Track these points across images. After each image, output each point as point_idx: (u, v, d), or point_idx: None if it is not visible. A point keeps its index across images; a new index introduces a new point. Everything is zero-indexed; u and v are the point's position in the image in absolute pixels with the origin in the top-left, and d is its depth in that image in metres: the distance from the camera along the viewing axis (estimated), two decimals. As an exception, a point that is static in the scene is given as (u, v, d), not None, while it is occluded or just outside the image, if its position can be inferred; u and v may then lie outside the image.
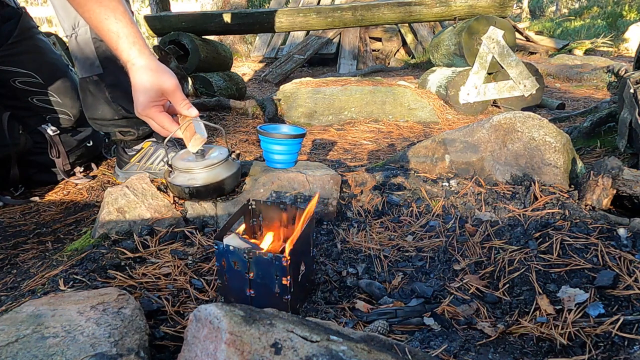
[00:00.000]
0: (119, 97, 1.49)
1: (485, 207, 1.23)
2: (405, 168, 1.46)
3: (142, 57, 0.98)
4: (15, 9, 1.62)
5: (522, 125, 1.36)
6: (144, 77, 0.98)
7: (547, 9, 15.64)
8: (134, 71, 0.98)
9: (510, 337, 0.81)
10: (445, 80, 3.09)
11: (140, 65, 0.98)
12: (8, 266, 1.21)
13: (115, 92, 1.49)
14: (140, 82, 0.98)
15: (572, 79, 4.33)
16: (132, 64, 0.98)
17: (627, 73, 1.87)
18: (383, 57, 6.97)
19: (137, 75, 0.98)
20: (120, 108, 1.51)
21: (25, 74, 1.61)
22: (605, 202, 1.16)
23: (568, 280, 0.92)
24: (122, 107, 1.51)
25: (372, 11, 3.12)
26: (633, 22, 8.29)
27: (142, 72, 0.98)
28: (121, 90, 1.48)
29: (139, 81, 0.98)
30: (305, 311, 0.91)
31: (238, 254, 0.82)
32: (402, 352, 0.63)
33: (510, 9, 3.08)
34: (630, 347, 0.72)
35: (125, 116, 1.53)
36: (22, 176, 1.70)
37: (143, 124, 1.66)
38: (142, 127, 1.61)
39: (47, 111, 1.72)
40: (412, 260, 1.09)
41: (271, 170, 1.33)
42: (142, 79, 0.98)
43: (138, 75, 0.98)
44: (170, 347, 0.79)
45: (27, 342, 0.65)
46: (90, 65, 1.45)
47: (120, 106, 1.51)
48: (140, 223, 1.15)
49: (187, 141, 1.12)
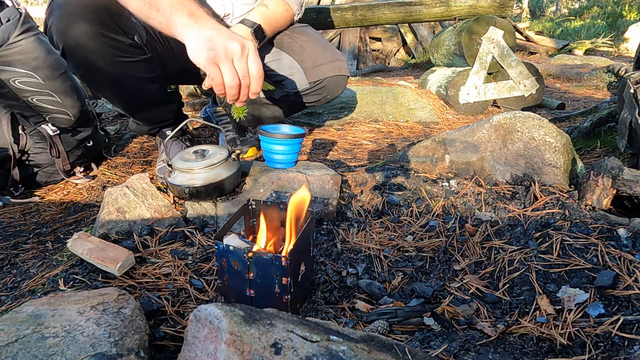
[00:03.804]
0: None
1: (485, 207, 1.23)
2: (405, 168, 1.46)
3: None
4: (15, 8, 1.62)
5: (522, 125, 1.36)
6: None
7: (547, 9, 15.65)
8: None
9: (510, 337, 0.81)
10: (445, 80, 3.09)
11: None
12: (8, 266, 1.21)
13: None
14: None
15: (572, 79, 4.33)
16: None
17: (627, 73, 1.87)
18: (383, 57, 6.97)
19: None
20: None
21: (25, 74, 1.61)
22: (605, 202, 1.16)
23: (568, 280, 0.92)
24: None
25: (372, 11, 3.12)
26: (633, 22, 8.29)
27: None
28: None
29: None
30: (305, 311, 0.91)
31: (238, 254, 0.82)
32: (402, 352, 0.63)
33: (511, 9, 3.08)
34: (630, 347, 0.72)
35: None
36: (22, 176, 1.70)
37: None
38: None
39: (47, 111, 1.72)
40: (412, 260, 1.09)
41: (271, 170, 1.33)
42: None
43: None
44: (170, 347, 0.79)
45: (27, 342, 0.65)
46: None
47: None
48: (140, 223, 1.14)
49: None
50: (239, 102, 1.05)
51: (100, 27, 1.29)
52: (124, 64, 1.40)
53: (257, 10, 1.52)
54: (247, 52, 1.00)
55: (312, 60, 1.62)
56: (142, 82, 1.49)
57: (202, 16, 1.04)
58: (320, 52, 1.64)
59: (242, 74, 1.00)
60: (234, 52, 0.98)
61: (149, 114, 1.65)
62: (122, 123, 2.59)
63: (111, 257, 0.96)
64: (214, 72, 0.98)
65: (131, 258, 0.99)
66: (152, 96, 1.56)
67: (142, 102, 1.57)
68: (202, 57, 0.98)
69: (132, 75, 1.45)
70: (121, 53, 1.37)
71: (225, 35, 0.99)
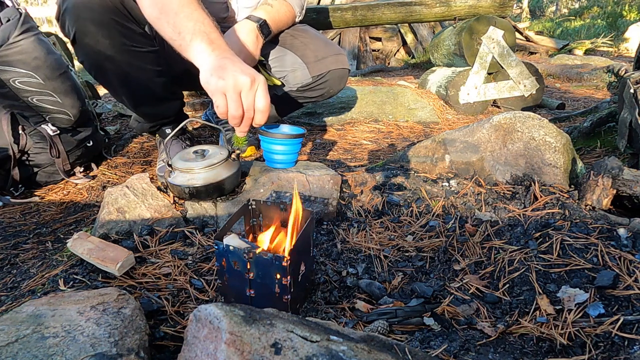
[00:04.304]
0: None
1: (485, 207, 1.23)
2: (405, 168, 1.46)
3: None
4: (15, 9, 1.62)
5: (522, 125, 1.36)
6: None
7: (547, 9, 15.64)
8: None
9: (510, 337, 0.81)
10: (445, 80, 3.09)
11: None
12: (8, 266, 1.21)
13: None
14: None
15: (572, 79, 4.33)
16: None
17: (627, 73, 1.87)
18: (383, 57, 6.96)
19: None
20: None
21: (25, 74, 1.61)
22: (605, 202, 1.16)
23: (568, 280, 0.92)
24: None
25: (372, 11, 3.12)
26: (633, 22, 8.28)
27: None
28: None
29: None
30: (305, 311, 0.91)
31: (238, 254, 0.82)
32: (402, 352, 0.63)
33: (511, 9, 3.07)
34: (630, 347, 0.72)
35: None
36: (22, 176, 1.70)
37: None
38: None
39: (47, 111, 1.72)
40: (412, 260, 1.09)
41: (271, 170, 1.33)
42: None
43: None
44: (170, 347, 0.79)
45: (27, 342, 0.65)
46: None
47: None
48: (140, 223, 1.14)
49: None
50: (239, 132, 1.06)
51: (113, 14, 1.32)
52: (134, 53, 1.41)
53: (262, 8, 1.54)
54: (257, 86, 1.01)
55: (315, 55, 1.64)
56: (149, 73, 1.50)
57: (221, 45, 1.07)
58: (322, 46, 1.66)
59: (247, 107, 1.02)
60: (243, 84, 0.99)
61: (151, 109, 1.66)
62: (122, 123, 2.59)
63: (111, 257, 0.96)
64: (219, 101, 0.99)
65: (131, 258, 0.99)
66: (156, 90, 1.57)
67: (147, 95, 1.58)
68: (211, 83, 0.99)
69: (140, 66, 1.46)
70: (132, 42, 1.39)
71: (238, 67, 1.00)
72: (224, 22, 1.61)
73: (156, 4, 1.13)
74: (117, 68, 1.43)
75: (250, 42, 1.46)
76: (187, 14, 1.09)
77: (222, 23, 1.46)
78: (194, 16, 1.09)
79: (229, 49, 1.09)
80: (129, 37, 1.38)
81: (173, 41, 1.12)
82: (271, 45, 1.66)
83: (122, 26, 1.35)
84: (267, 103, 1.03)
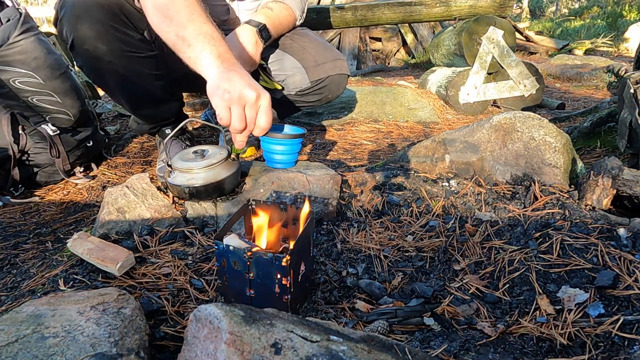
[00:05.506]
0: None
1: (485, 207, 1.23)
2: (405, 168, 1.46)
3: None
4: (15, 9, 1.62)
5: (522, 125, 1.36)
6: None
7: (547, 9, 15.65)
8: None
9: (510, 337, 0.81)
10: (445, 80, 3.09)
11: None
12: (8, 266, 1.21)
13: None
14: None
15: (572, 79, 4.33)
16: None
17: (627, 73, 1.87)
18: (383, 57, 6.96)
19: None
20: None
21: (25, 74, 1.61)
22: (605, 202, 1.16)
23: (568, 280, 0.92)
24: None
25: (372, 11, 3.12)
26: (633, 22, 8.29)
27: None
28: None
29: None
30: (305, 311, 0.91)
31: (238, 254, 0.82)
32: (402, 352, 0.63)
33: (510, 9, 3.08)
34: (630, 347, 0.72)
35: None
36: (22, 176, 1.70)
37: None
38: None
39: (47, 111, 1.72)
40: (412, 260, 1.09)
41: (271, 170, 1.33)
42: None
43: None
44: (170, 347, 0.79)
45: (27, 342, 0.65)
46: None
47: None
48: (140, 223, 1.14)
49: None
50: (237, 143, 1.08)
51: (111, 20, 1.31)
52: (132, 59, 1.41)
53: (261, 12, 1.54)
54: (261, 102, 1.02)
55: (314, 60, 1.63)
56: (147, 78, 1.50)
57: (229, 59, 1.08)
58: (322, 51, 1.66)
59: (249, 121, 1.02)
60: (248, 98, 0.99)
61: (151, 111, 1.65)
62: (122, 123, 2.59)
63: (111, 257, 0.96)
64: (223, 112, 1.00)
65: (131, 258, 0.99)
66: (155, 93, 1.57)
67: (146, 98, 1.58)
68: (217, 95, 1.00)
69: (138, 71, 1.46)
70: (130, 47, 1.39)
71: (245, 82, 1.01)
72: (225, 25, 1.61)
73: (165, 16, 1.13)
74: (115, 73, 1.43)
75: (250, 46, 1.45)
76: (197, 27, 1.09)
77: (222, 26, 1.46)
78: (204, 29, 1.09)
79: (237, 62, 1.09)
80: (127, 43, 1.37)
81: (181, 53, 1.12)
82: (271, 48, 1.65)
83: (121, 32, 1.34)
84: (269, 121, 1.04)
